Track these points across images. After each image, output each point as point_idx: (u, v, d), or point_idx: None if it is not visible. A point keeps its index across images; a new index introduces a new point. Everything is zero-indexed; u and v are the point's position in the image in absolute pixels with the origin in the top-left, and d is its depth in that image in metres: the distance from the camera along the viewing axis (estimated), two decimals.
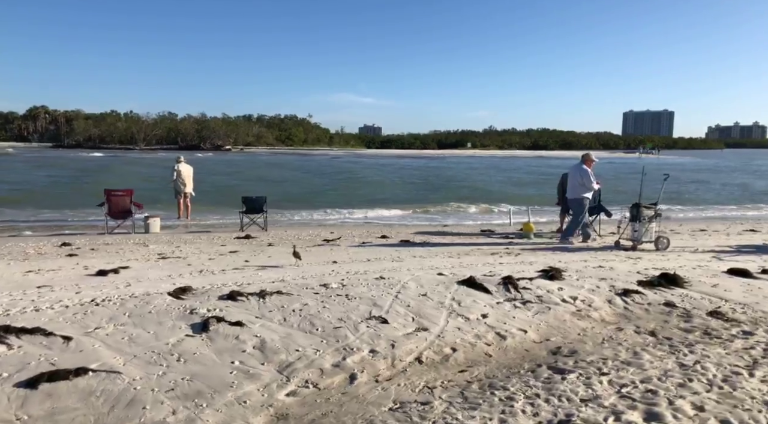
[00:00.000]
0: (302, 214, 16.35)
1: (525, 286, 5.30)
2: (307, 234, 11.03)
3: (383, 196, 22.72)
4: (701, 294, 5.27)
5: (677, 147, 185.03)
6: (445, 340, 3.94)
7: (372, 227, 13.14)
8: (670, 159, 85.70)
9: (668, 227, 12.73)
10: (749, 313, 4.70)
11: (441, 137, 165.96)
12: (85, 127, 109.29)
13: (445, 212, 17.40)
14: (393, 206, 18.49)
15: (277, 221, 14.43)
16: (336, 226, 13.54)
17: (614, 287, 5.44)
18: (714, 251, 8.15)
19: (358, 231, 11.59)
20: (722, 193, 26.71)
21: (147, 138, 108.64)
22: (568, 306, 4.85)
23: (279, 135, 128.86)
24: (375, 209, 17.74)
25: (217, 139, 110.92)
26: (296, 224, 14.16)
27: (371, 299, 4.72)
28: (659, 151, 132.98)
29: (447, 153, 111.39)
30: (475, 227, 12.71)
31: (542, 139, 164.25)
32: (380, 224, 13.82)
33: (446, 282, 5.43)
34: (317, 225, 13.82)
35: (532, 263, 6.85)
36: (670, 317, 4.70)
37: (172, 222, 13.72)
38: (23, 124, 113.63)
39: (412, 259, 7.37)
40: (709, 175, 41.82)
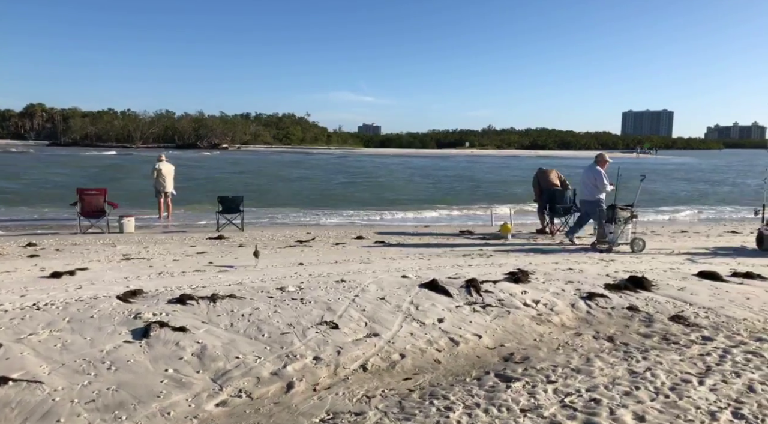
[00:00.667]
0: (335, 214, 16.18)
1: (488, 289, 5.23)
2: (283, 235, 10.92)
3: (417, 197, 22.11)
4: (667, 298, 5.23)
5: (676, 147, 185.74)
6: (395, 346, 3.86)
7: (353, 227, 13.07)
8: (664, 159, 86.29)
9: (650, 228, 12.75)
10: (712, 317, 4.67)
11: (440, 136, 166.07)
12: (81, 125, 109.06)
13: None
14: (437, 207, 17.99)
15: (279, 221, 14.31)
16: (341, 226, 13.45)
17: (580, 291, 5.39)
18: (690, 254, 8.14)
19: (335, 232, 11.49)
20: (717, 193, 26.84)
21: (144, 136, 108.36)
22: (529, 310, 4.79)
23: (276, 133, 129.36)
24: (422, 211, 16.98)
25: (214, 137, 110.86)
26: (278, 224, 14.04)
27: (326, 303, 4.63)
28: (656, 151, 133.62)
29: (454, 152, 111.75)
30: (454, 227, 12.64)
31: (541, 139, 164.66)
32: (385, 225, 13.75)
33: (408, 285, 5.35)
34: (297, 225, 13.71)
35: (502, 265, 6.79)
36: (632, 321, 4.65)
37: (150, 222, 13.56)
38: (20, 122, 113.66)
39: (382, 260, 7.29)
40: (706, 176, 42.07)
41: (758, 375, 3.37)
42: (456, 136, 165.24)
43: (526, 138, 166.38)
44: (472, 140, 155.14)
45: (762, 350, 3.84)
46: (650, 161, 72.85)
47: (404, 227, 13.12)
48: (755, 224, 10.75)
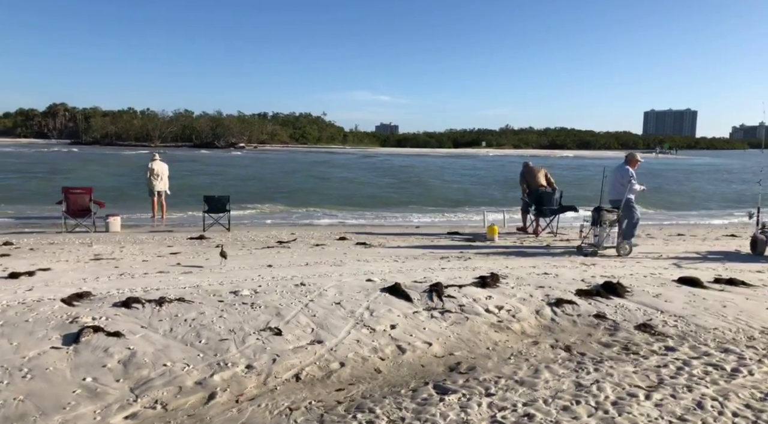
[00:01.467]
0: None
1: (451, 294, 5.09)
2: (268, 235, 10.82)
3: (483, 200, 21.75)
4: (639, 305, 5.06)
5: (698, 147, 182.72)
6: (336, 354, 3.74)
7: (342, 227, 12.95)
8: (685, 160, 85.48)
9: (646, 230, 12.51)
10: (681, 326, 4.49)
11: (457, 136, 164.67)
12: (102, 125, 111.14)
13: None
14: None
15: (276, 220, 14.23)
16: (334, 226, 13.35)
17: (549, 296, 5.23)
18: (678, 258, 7.93)
19: (320, 232, 11.38)
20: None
21: (162, 135, 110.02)
22: (489, 317, 4.64)
23: (293, 133, 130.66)
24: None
25: (231, 136, 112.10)
26: (268, 225, 13.95)
27: (277, 308, 4.52)
28: (676, 151, 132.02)
29: (471, 152, 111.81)
30: (443, 227, 12.49)
31: (559, 139, 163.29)
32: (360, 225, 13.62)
33: (370, 289, 5.23)
34: (289, 225, 13.60)
35: (476, 268, 6.63)
36: (596, 330, 4.49)
37: (144, 222, 13.59)
38: (43, 121, 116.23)
39: (355, 263, 7.16)
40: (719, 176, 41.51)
41: (712, 390, 3.21)
42: (473, 135, 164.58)
43: (545, 138, 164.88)
44: (490, 140, 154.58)
45: (725, 363, 3.68)
46: (663, 162, 72.14)
47: (402, 228, 12.98)
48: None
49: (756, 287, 5.80)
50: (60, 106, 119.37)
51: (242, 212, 16.23)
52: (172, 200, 15.41)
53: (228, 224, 12.52)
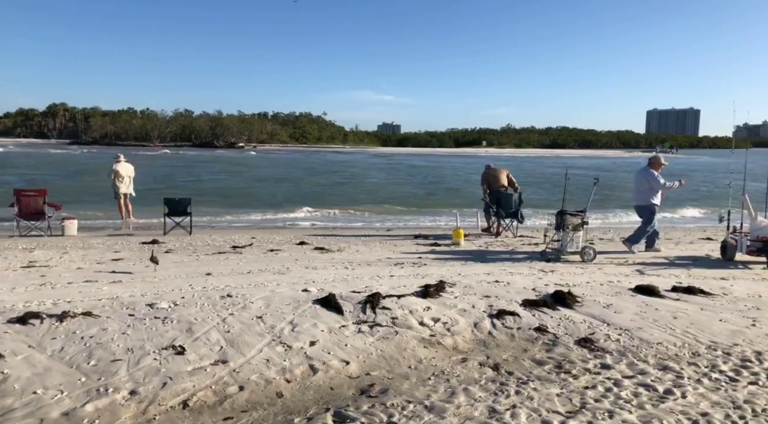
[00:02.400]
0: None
1: (386, 306, 4.83)
2: (226, 239, 10.52)
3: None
4: (586, 317, 4.83)
5: (701, 146, 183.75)
6: (239, 375, 3.46)
7: (301, 231, 12.66)
8: (684, 159, 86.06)
9: (622, 233, 12.33)
10: (624, 341, 4.26)
11: (458, 135, 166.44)
12: (101, 124, 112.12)
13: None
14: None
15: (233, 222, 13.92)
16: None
17: (492, 307, 4.99)
18: (644, 264, 7.72)
19: (280, 236, 11.08)
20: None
21: (161, 135, 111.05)
22: (421, 331, 4.39)
23: (293, 132, 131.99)
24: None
25: (230, 136, 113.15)
26: (234, 228, 13.63)
27: (190, 323, 4.24)
28: (677, 150, 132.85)
29: (477, 151, 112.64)
30: (411, 230, 12.25)
31: (561, 138, 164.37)
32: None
33: (302, 301, 4.96)
34: (257, 228, 13.29)
35: (426, 276, 6.38)
36: (534, 345, 4.25)
37: (111, 225, 13.28)
38: (43, 121, 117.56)
39: (302, 270, 6.88)
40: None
41: (635, 416, 2.97)
42: (475, 135, 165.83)
43: (546, 137, 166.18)
44: (491, 139, 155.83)
45: (659, 383, 3.44)
46: (679, 161, 72.33)
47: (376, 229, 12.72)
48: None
49: (715, 296, 5.60)
50: (60, 106, 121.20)
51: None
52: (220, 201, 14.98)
53: (190, 227, 12.24)
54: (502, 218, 11.12)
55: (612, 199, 22.75)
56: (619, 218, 16.64)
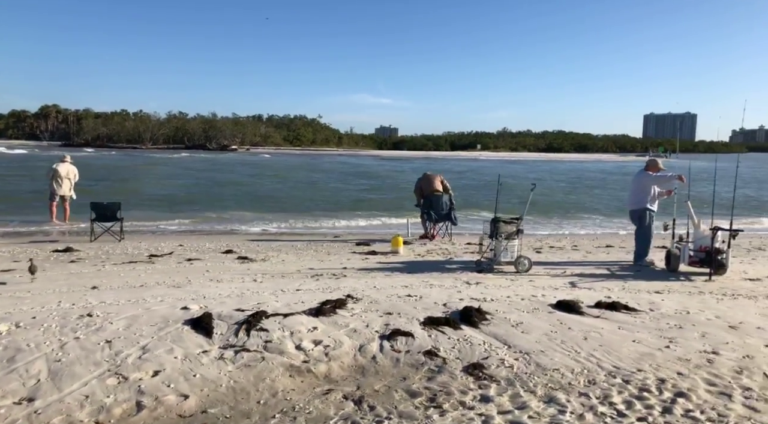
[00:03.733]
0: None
1: (265, 327, 4.41)
2: (150, 247, 9.99)
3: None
4: (488, 338, 4.45)
5: (696, 151, 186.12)
6: (39, 417, 3.00)
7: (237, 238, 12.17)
8: (675, 162, 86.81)
9: (575, 241, 12.08)
10: (519, 366, 3.88)
11: (454, 139, 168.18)
12: (93, 126, 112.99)
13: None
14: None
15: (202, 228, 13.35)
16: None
17: (388, 326, 4.60)
18: (582, 275, 7.39)
19: (214, 244, 10.58)
20: None
21: (154, 137, 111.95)
22: (294, 356, 3.96)
23: (287, 135, 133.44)
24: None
25: (223, 138, 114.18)
26: (172, 233, 13.07)
27: (18, 349, 3.76)
28: (670, 154, 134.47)
29: (469, 154, 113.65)
30: (366, 236, 11.86)
31: (557, 142, 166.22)
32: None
33: (172, 321, 4.52)
34: (205, 234, 12.75)
35: (336, 289, 5.96)
36: (418, 371, 3.85)
37: (49, 229, 12.70)
38: (35, 123, 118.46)
39: (204, 283, 6.42)
40: None
41: None
42: (471, 138, 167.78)
43: (542, 141, 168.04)
44: (487, 142, 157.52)
45: (534, 420, 3.07)
46: (669, 165, 73.18)
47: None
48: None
49: (639, 313, 5.27)
50: (52, 107, 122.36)
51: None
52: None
53: (120, 234, 11.71)
54: (434, 221, 11.45)
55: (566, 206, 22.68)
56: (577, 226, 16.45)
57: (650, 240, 8.37)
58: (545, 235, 13.83)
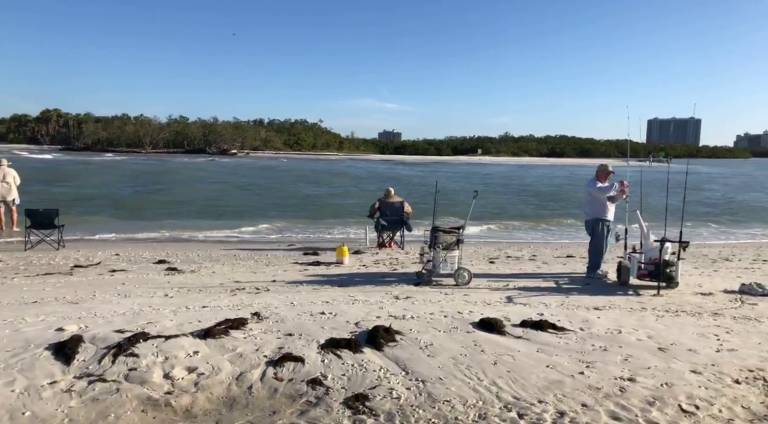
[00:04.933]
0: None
1: (136, 352, 4.01)
2: (82, 257, 9.55)
3: None
4: (386, 362, 4.09)
5: (700, 156, 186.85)
6: None
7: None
8: (673, 168, 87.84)
9: (536, 250, 11.80)
10: (408, 397, 3.52)
11: (456, 143, 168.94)
12: (93, 130, 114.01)
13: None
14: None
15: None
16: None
17: (281, 350, 4.22)
18: (525, 288, 7.05)
19: (153, 252, 10.15)
20: None
21: (153, 141, 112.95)
22: (158, 386, 3.58)
23: (287, 139, 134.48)
24: None
25: (223, 143, 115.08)
26: (115, 241, 12.59)
27: None
28: (671, 160, 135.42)
29: (464, 159, 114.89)
30: (327, 243, 11.48)
31: (559, 146, 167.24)
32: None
33: (34, 345, 4.12)
34: (149, 241, 12.29)
35: (247, 306, 5.57)
36: (292, 404, 3.48)
37: None
38: (36, 127, 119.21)
39: (111, 298, 6.00)
40: None
41: None
42: (473, 143, 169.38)
43: (544, 145, 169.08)
44: (489, 147, 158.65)
45: None
46: (644, 172, 73.49)
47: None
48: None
49: (566, 332, 4.94)
50: (53, 111, 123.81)
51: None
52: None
53: (58, 242, 11.28)
54: (387, 229, 11.52)
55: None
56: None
57: (603, 251, 8.09)
58: (512, 243, 13.55)
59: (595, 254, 8.07)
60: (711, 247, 13.90)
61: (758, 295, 6.81)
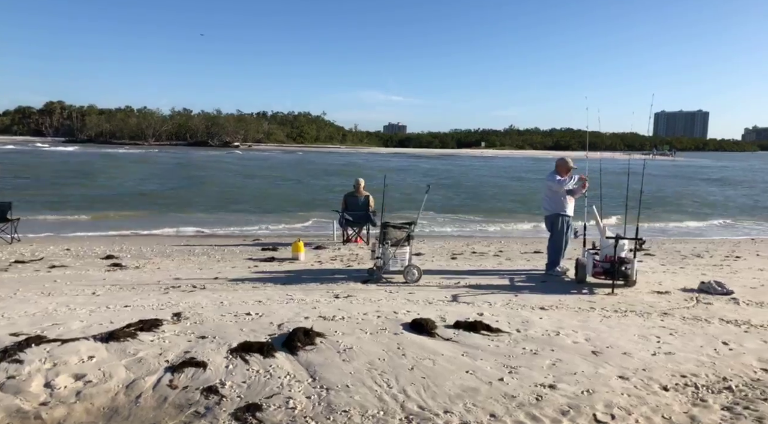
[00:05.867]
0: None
1: (20, 358, 3.76)
2: (28, 251, 9.26)
3: None
4: (297, 368, 3.86)
5: (707, 149, 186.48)
6: None
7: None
8: (679, 161, 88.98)
9: (505, 246, 11.60)
10: (304, 407, 3.30)
11: (461, 136, 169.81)
12: (97, 123, 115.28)
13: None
14: None
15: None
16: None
17: (187, 354, 3.99)
18: (477, 286, 6.83)
19: (105, 247, 9.86)
20: None
21: (156, 134, 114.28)
22: (33, 397, 3.33)
23: (290, 132, 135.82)
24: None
25: (225, 135, 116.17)
26: (85, 237, 12.28)
27: None
28: (675, 152, 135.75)
29: (473, 152, 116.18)
30: (290, 238, 11.25)
31: (564, 140, 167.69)
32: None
33: None
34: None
35: (171, 306, 5.32)
36: (179, 414, 3.24)
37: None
38: (40, 119, 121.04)
39: (33, 296, 5.71)
40: None
41: None
42: (477, 136, 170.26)
43: (550, 138, 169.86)
44: (494, 140, 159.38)
45: None
46: (639, 165, 73.64)
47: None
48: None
49: (501, 334, 4.72)
50: (57, 104, 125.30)
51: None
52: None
53: (12, 235, 11.02)
54: (351, 224, 11.33)
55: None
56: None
57: (562, 247, 7.88)
58: (476, 237, 13.36)
59: (555, 250, 7.87)
60: (687, 242, 13.76)
61: (716, 294, 6.63)
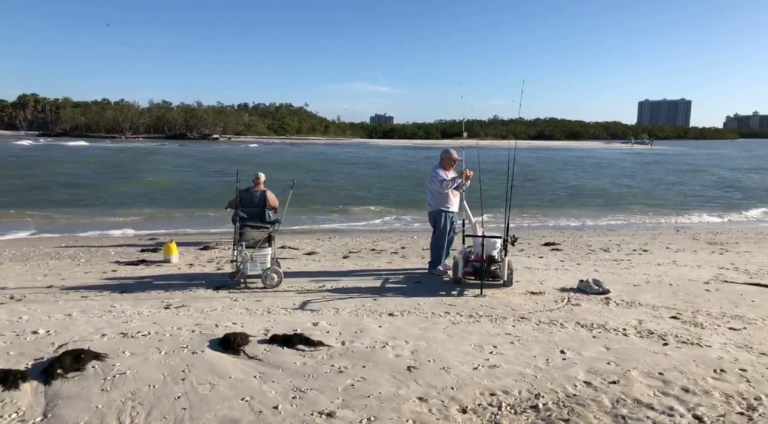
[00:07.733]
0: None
1: None
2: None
3: None
4: (38, 401, 3.29)
5: (688, 137, 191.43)
6: None
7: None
8: (655, 150, 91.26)
9: (416, 243, 11.22)
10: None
11: (445, 127, 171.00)
12: (71, 116, 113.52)
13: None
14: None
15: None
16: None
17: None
18: (342, 290, 6.38)
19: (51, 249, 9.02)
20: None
21: (134, 127, 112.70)
22: None
23: (272, 124, 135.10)
24: None
25: (204, 127, 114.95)
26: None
27: None
28: (653, 141, 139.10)
29: (459, 143, 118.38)
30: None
31: (548, 129, 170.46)
32: None
33: None
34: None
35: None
36: None
37: None
38: (13, 112, 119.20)
39: None
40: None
41: None
42: (461, 126, 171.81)
43: (534, 128, 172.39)
44: (477, 130, 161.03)
45: None
46: (608, 154, 74.69)
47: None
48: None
49: (319, 348, 4.24)
50: (30, 97, 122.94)
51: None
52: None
53: None
54: (243, 221, 10.10)
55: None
56: None
57: (444, 245, 7.49)
58: (405, 232, 12.94)
59: (437, 248, 7.48)
60: (606, 235, 13.68)
61: (592, 293, 6.36)
